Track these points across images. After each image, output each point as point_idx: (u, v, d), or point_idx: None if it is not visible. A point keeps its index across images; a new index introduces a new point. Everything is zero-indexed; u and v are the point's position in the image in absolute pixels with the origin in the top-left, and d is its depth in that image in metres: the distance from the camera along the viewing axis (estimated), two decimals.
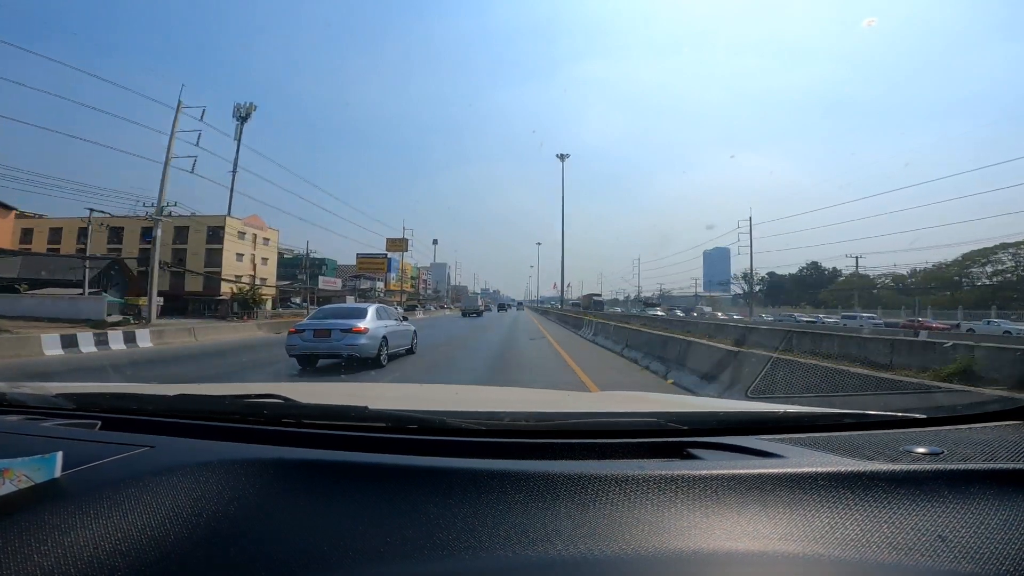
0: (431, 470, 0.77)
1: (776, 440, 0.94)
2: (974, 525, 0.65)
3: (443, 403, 1.43)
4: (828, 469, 0.75)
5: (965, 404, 1.62)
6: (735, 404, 1.50)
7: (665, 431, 0.99)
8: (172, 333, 15.95)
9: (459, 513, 0.67)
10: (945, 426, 1.06)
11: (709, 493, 0.71)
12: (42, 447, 0.73)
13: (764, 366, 5.14)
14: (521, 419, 1.04)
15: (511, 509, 0.68)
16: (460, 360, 11.58)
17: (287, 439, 0.94)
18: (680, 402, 1.91)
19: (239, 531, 0.65)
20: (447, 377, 8.79)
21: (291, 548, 0.62)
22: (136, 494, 0.68)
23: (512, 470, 0.76)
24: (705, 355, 7.33)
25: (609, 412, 1.23)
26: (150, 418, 1.09)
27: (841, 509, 0.68)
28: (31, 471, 0.66)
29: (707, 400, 2.08)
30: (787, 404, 1.29)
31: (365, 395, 1.52)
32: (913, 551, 0.62)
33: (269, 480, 0.75)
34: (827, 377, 4.52)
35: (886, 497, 0.70)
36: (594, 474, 0.74)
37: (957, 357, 7.21)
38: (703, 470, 0.75)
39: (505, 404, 1.50)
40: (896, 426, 1.06)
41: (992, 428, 1.02)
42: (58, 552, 0.58)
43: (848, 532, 0.64)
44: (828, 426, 1.07)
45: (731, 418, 1.15)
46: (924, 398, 2.95)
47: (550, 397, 1.98)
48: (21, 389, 1.27)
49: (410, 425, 0.99)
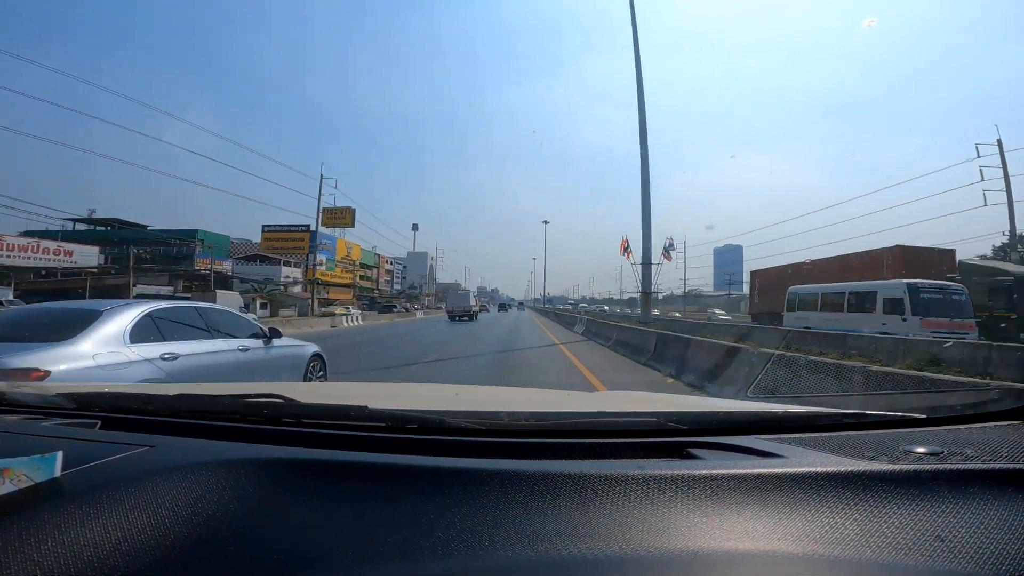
0: (431, 470, 0.77)
1: (776, 440, 0.94)
2: (974, 525, 0.65)
3: (443, 403, 1.43)
4: (828, 469, 0.75)
5: (965, 404, 1.62)
6: (735, 404, 1.50)
7: (665, 431, 0.99)
8: None
9: (459, 513, 0.67)
10: (945, 426, 1.06)
11: (709, 493, 0.71)
12: (42, 447, 0.73)
13: (765, 365, 5.14)
14: (521, 419, 1.03)
15: (511, 509, 0.68)
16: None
17: (287, 439, 0.94)
18: (680, 402, 1.91)
19: (239, 531, 0.65)
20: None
21: (291, 548, 0.62)
22: (136, 494, 0.68)
23: (512, 470, 0.76)
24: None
25: (609, 412, 1.23)
26: (150, 418, 1.09)
27: (841, 509, 0.68)
28: (31, 471, 0.66)
29: (707, 400, 2.08)
30: (787, 404, 1.29)
31: (365, 394, 1.52)
32: (913, 551, 0.61)
33: (269, 480, 0.75)
34: (827, 376, 4.52)
35: (886, 497, 0.70)
36: (594, 474, 0.74)
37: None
38: (703, 470, 0.75)
39: (505, 404, 1.50)
40: (896, 426, 1.06)
41: (992, 428, 1.02)
42: (58, 552, 0.58)
43: (848, 532, 0.64)
44: (828, 426, 1.07)
45: (731, 418, 1.15)
46: (924, 398, 2.95)
47: (550, 397, 1.98)
48: (21, 388, 1.28)
49: (410, 425, 0.99)
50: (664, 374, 8.11)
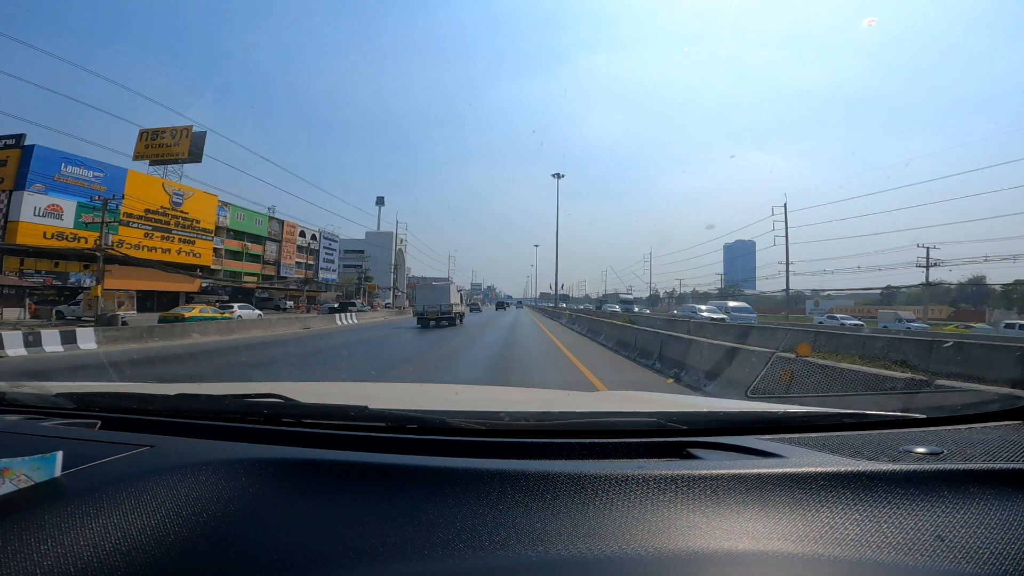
0: (431, 470, 0.77)
1: (776, 440, 0.94)
2: (974, 525, 0.65)
3: (443, 403, 1.43)
4: (828, 469, 0.75)
5: (965, 404, 1.62)
6: (735, 404, 1.50)
7: (665, 431, 0.99)
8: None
9: (459, 513, 0.67)
10: (945, 426, 1.06)
11: (709, 493, 0.71)
12: (42, 447, 0.73)
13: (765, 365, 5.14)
14: (521, 419, 1.03)
15: (511, 509, 0.68)
16: None
17: (287, 439, 0.94)
18: (680, 402, 1.91)
19: (239, 531, 0.65)
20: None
21: (291, 548, 0.62)
22: (136, 494, 0.68)
23: (512, 470, 0.76)
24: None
25: (609, 412, 1.23)
26: (150, 418, 1.09)
27: (841, 509, 0.68)
28: (31, 471, 0.66)
29: (707, 400, 2.08)
30: (787, 404, 1.29)
31: (365, 395, 1.52)
32: (913, 551, 0.61)
33: (269, 480, 0.75)
34: (827, 376, 4.52)
35: (886, 497, 0.70)
36: (594, 474, 0.74)
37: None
38: (703, 470, 0.75)
39: (505, 404, 1.50)
40: (896, 426, 1.06)
41: (992, 428, 1.02)
42: (58, 552, 0.58)
43: (848, 532, 0.64)
44: (828, 426, 1.07)
45: (731, 418, 1.15)
46: (924, 398, 2.95)
47: (550, 397, 1.98)
48: (21, 389, 1.28)
49: (410, 425, 0.99)
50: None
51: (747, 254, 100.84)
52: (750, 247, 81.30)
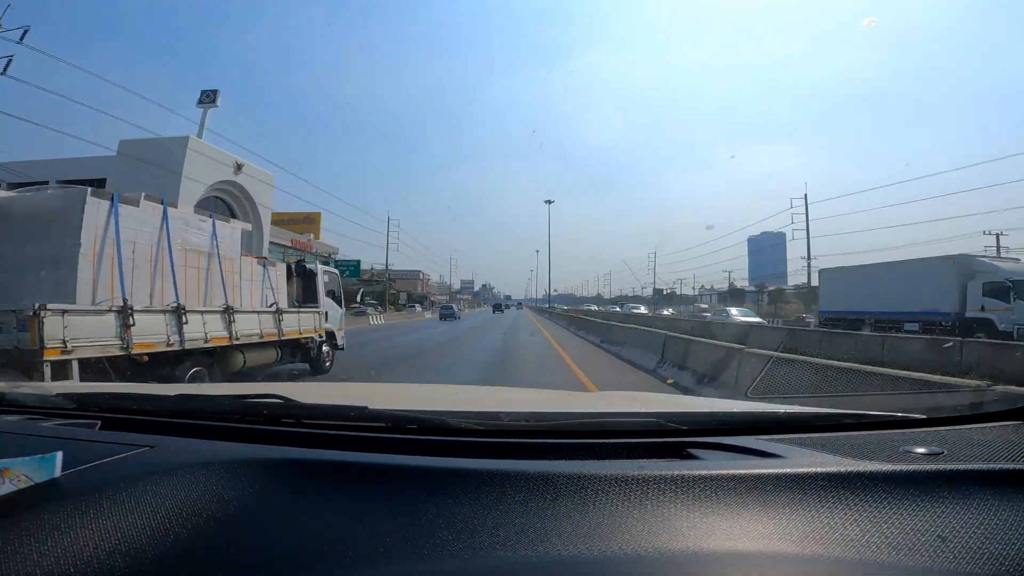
0: (431, 470, 0.77)
1: (776, 440, 0.94)
2: (974, 525, 0.65)
3: (443, 403, 1.43)
4: (828, 469, 0.75)
5: (965, 404, 1.62)
6: (735, 404, 1.50)
7: (665, 431, 0.99)
8: None
9: (459, 513, 0.67)
10: (945, 426, 1.06)
11: (709, 493, 0.71)
12: (42, 447, 0.73)
13: (765, 365, 5.14)
14: (521, 419, 1.04)
15: (511, 509, 0.68)
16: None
17: (287, 439, 0.94)
18: (680, 402, 1.91)
19: (239, 531, 0.65)
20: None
21: (291, 548, 0.62)
22: (136, 494, 0.68)
23: (512, 470, 0.76)
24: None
25: (609, 412, 1.23)
26: (150, 418, 1.09)
27: (841, 509, 0.68)
28: (31, 471, 0.66)
29: (707, 400, 2.09)
30: (787, 404, 1.29)
31: (364, 395, 1.52)
32: (913, 551, 0.61)
33: (269, 480, 0.75)
34: (827, 376, 4.52)
35: (886, 497, 0.70)
36: (594, 474, 0.74)
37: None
38: (703, 470, 0.75)
39: (505, 404, 1.50)
40: (896, 426, 1.06)
41: (992, 428, 1.02)
42: (58, 552, 0.58)
43: (848, 532, 0.64)
44: (828, 426, 1.07)
45: (731, 418, 1.15)
46: (924, 398, 2.95)
47: (550, 397, 1.98)
48: (21, 389, 1.28)
49: (410, 425, 1.00)
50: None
51: (776, 245, 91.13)
52: (779, 239, 69.40)
